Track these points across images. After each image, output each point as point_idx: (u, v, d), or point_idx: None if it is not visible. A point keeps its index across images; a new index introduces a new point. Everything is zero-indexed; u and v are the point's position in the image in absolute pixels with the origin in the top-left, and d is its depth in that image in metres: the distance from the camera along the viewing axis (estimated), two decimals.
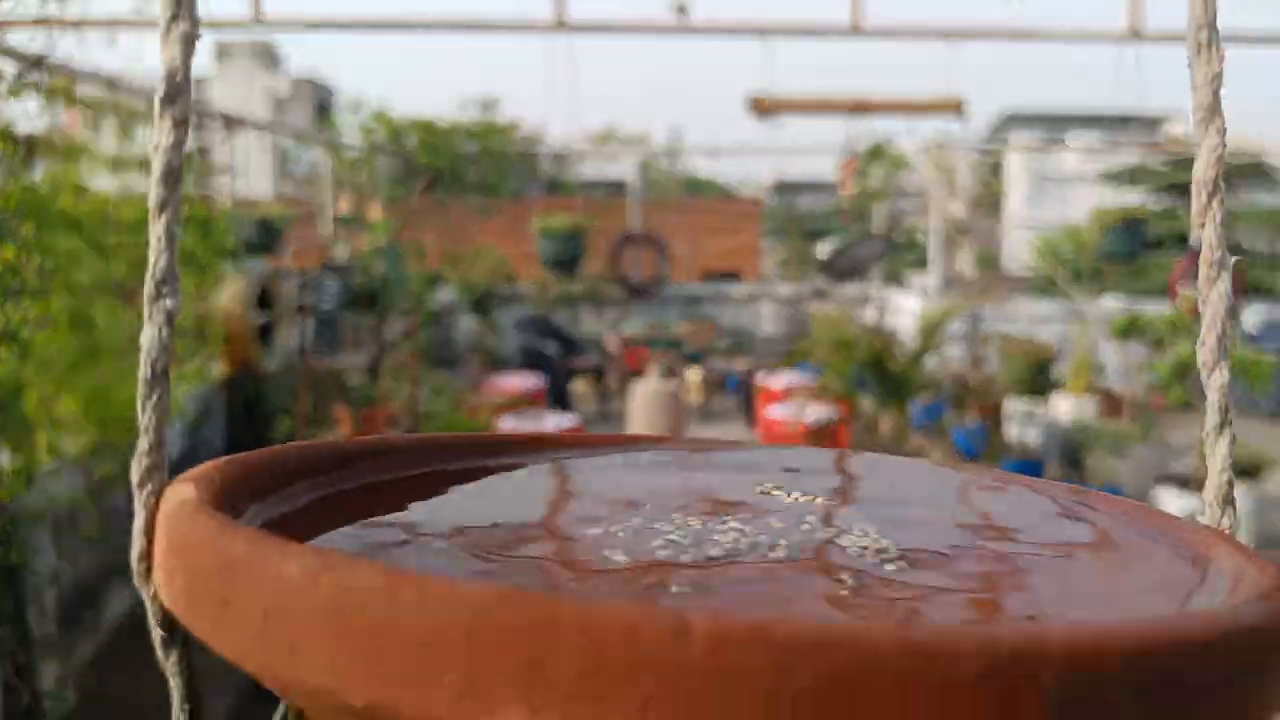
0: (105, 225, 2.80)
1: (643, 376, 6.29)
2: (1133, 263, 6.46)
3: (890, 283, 10.11)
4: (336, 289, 6.18)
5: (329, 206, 7.51)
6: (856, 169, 11.05)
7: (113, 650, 3.28)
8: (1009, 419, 6.07)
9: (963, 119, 6.88)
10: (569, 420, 6.21)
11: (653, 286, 8.10)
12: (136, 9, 3.05)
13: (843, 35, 4.69)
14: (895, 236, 12.09)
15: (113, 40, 3.11)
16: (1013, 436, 5.98)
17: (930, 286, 8.59)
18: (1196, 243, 0.36)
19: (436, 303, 7.41)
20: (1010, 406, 6.11)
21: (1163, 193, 12.42)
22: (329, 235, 7.38)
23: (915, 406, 5.88)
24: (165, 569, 0.25)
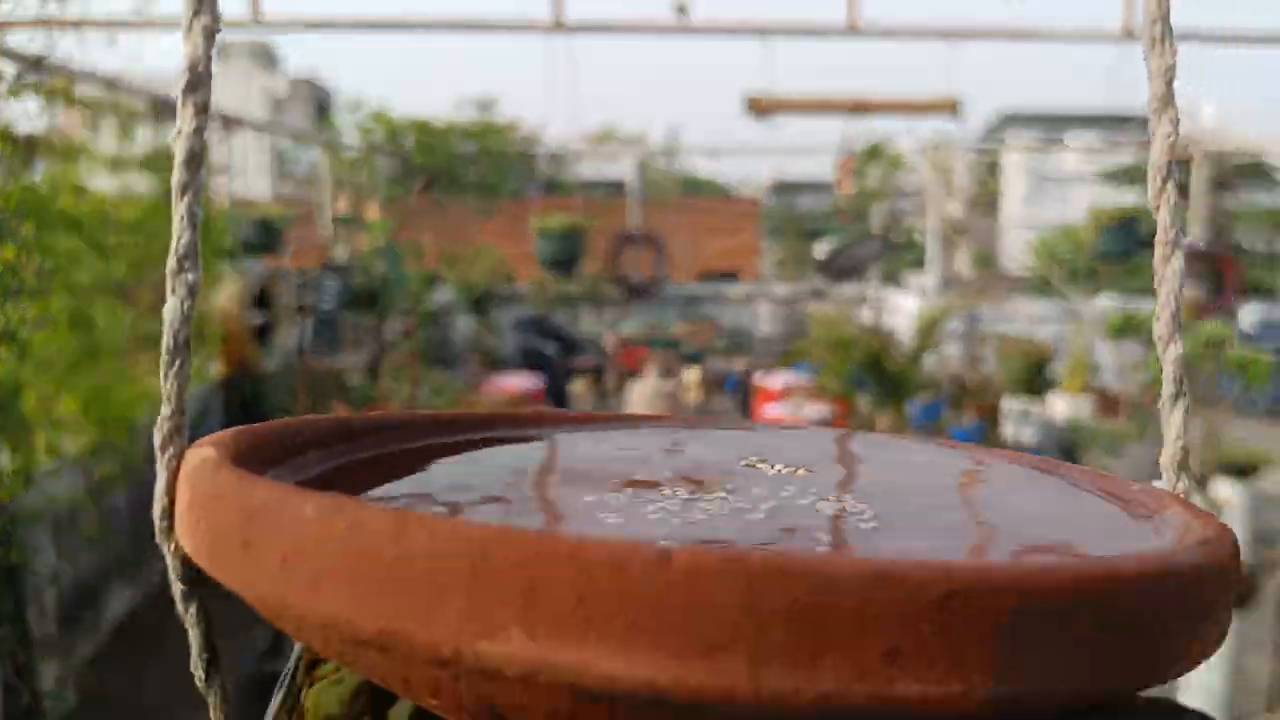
0: (105, 225, 2.81)
1: (641, 376, 6.30)
2: (1128, 262, 6.46)
3: (888, 283, 10.12)
4: (335, 289, 6.18)
5: (327, 207, 7.52)
6: (853, 169, 11.05)
7: (112, 650, 3.28)
8: (1006, 418, 6.08)
9: (959, 119, 6.90)
10: None
11: (651, 286, 8.10)
12: (136, 9, 3.06)
13: (840, 35, 4.70)
14: (893, 236, 12.10)
15: (113, 40, 3.12)
16: (1009, 435, 6.00)
17: (928, 286, 8.60)
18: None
19: (435, 303, 7.41)
20: (1007, 406, 6.12)
21: None
22: (328, 235, 7.38)
23: (913, 406, 5.89)
24: (188, 522, 0.27)
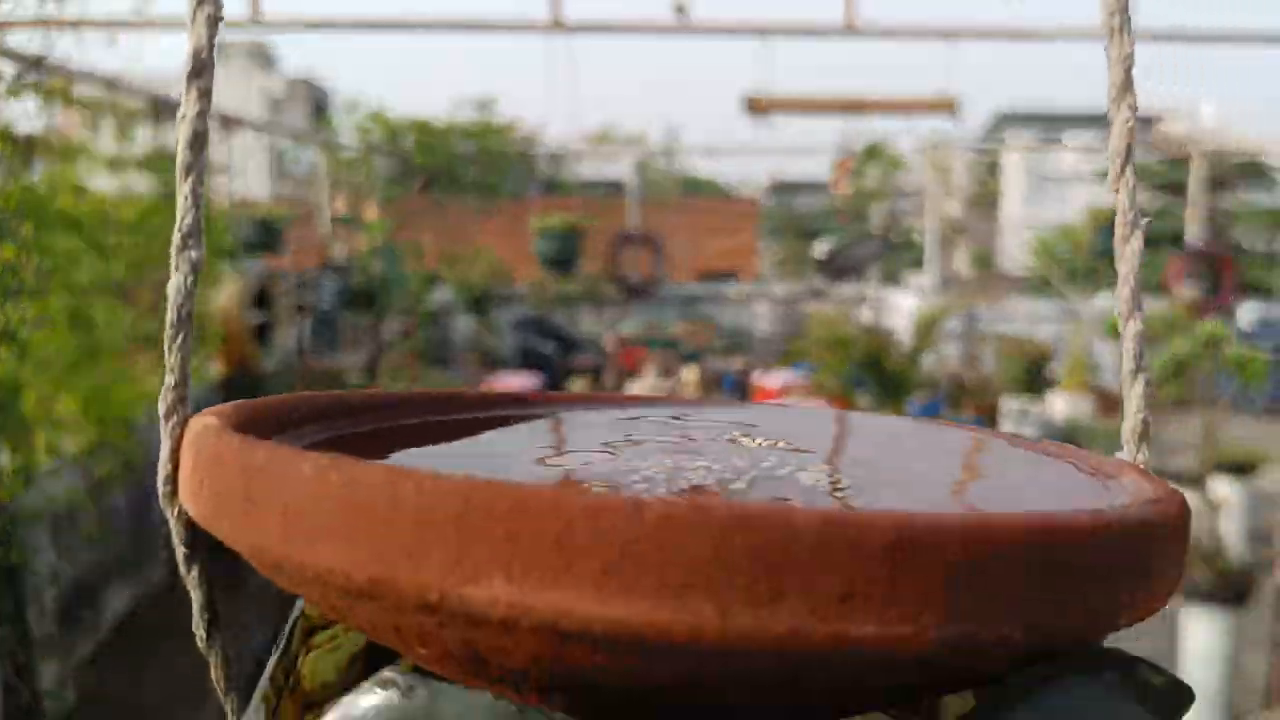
0: (104, 225, 2.81)
1: (640, 376, 6.31)
2: None
3: (887, 282, 10.13)
4: (334, 289, 6.19)
5: (326, 207, 7.52)
6: (851, 169, 11.06)
7: (112, 649, 3.29)
8: (1005, 417, 6.09)
9: (957, 118, 6.90)
10: None
11: (650, 286, 8.11)
12: (136, 9, 3.07)
13: (838, 35, 4.71)
14: (892, 236, 12.12)
15: (112, 40, 3.12)
16: None
17: (927, 286, 8.61)
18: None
19: (434, 302, 7.42)
20: (1006, 405, 6.13)
21: (1159, 191, 12.45)
22: (326, 235, 7.39)
23: (911, 405, 5.90)
24: (192, 484, 0.28)
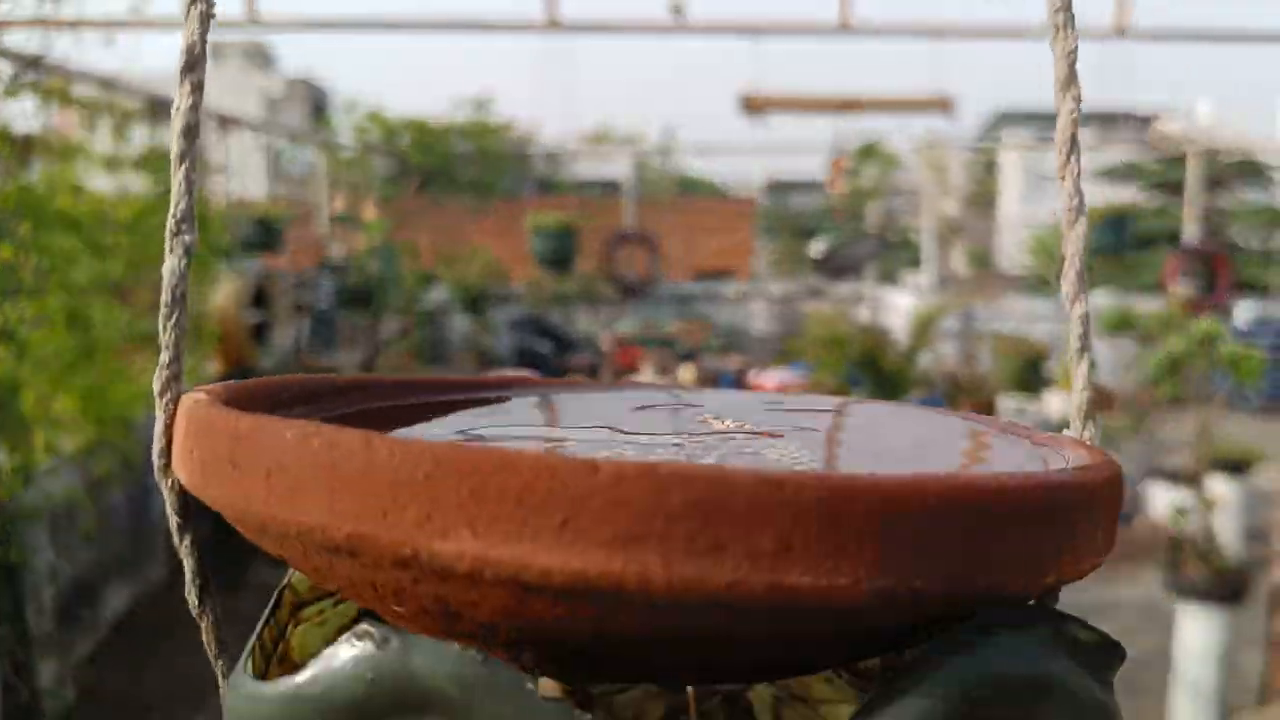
0: (102, 225, 2.82)
1: (636, 375, 6.32)
2: (1122, 259, 6.48)
3: (884, 281, 10.15)
4: (332, 288, 6.20)
5: (324, 206, 7.53)
6: (845, 168, 11.08)
7: (111, 648, 3.30)
8: (1001, 415, 6.09)
9: (952, 117, 6.92)
10: None
11: (646, 285, 8.11)
12: (133, 9, 3.07)
13: (833, 34, 4.72)
14: (889, 235, 12.13)
15: (109, 40, 3.13)
16: None
17: (924, 285, 8.62)
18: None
19: (431, 302, 7.43)
20: (1002, 403, 6.14)
21: (1155, 190, 12.47)
22: (324, 235, 7.40)
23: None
24: (183, 452, 0.30)
